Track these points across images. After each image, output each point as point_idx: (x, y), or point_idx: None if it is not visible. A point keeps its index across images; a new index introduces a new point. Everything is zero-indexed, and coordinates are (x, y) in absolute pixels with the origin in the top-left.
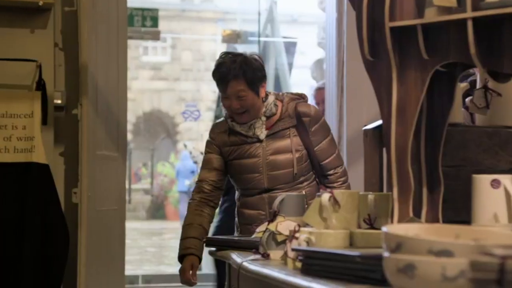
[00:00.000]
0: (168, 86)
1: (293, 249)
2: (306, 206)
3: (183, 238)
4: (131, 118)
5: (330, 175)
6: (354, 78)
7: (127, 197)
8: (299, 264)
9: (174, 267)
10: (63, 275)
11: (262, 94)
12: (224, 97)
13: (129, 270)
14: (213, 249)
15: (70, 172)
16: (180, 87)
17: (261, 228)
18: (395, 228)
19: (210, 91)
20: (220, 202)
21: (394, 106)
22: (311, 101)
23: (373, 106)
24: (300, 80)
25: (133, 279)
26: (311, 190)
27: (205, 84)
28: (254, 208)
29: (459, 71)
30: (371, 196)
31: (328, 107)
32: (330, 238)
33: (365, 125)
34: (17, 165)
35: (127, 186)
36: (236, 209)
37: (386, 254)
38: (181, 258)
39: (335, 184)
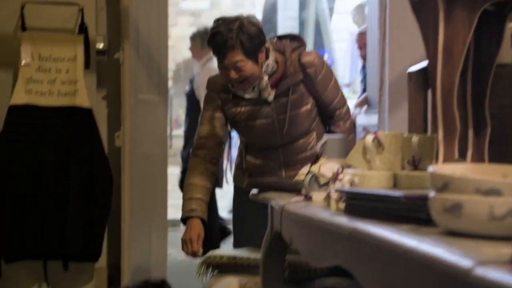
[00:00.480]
0: None
1: (336, 190)
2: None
3: (187, 199)
4: (171, 65)
5: (335, 115)
6: (397, 22)
7: (168, 143)
8: (342, 205)
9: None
10: (108, 216)
11: (262, 59)
12: (222, 66)
13: (171, 214)
14: (255, 191)
15: (112, 116)
16: None
17: (304, 170)
18: (442, 168)
19: None
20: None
21: (441, 47)
22: (353, 46)
23: (416, 50)
24: (341, 26)
25: (175, 223)
26: (318, 131)
27: None
28: (265, 159)
29: (508, 10)
30: (415, 138)
31: (370, 51)
32: (374, 179)
33: (408, 69)
34: (61, 109)
35: (168, 132)
36: (239, 156)
37: (432, 194)
38: (184, 220)
39: (340, 122)
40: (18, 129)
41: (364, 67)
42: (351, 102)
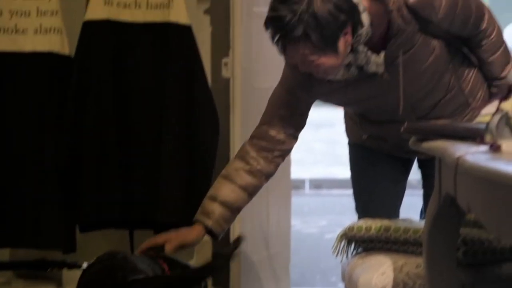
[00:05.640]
0: None
1: None
2: None
3: (209, 196)
4: None
5: (474, 36)
6: None
7: None
8: None
9: (349, 169)
10: (212, 172)
11: (346, 45)
12: (286, 57)
13: (293, 172)
14: (415, 139)
15: (219, 37)
16: None
17: (489, 109)
18: None
19: None
20: None
21: None
22: None
23: None
24: None
25: (299, 184)
26: (474, 76)
27: None
28: (388, 127)
29: None
30: None
31: None
32: None
33: None
34: (150, 26)
35: None
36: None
37: None
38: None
39: (482, 42)
40: (94, 53)
41: None
42: None
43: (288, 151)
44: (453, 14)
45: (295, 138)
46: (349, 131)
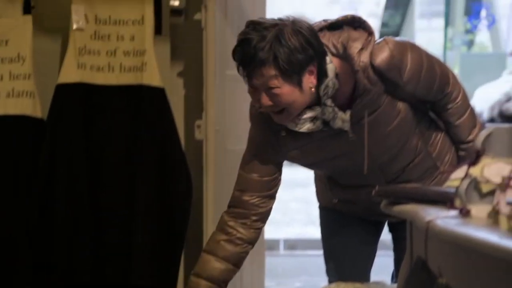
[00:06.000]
0: None
1: (508, 203)
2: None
3: (194, 273)
4: None
5: (439, 100)
6: None
7: None
8: None
9: None
10: (185, 235)
11: (309, 84)
12: (250, 86)
13: (268, 232)
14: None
15: (192, 99)
16: None
17: (458, 173)
18: None
19: None
20: None
21: None
22: None
23: None
24: None
25: (273, 244)
26: (422, 127)
27: None
28: (358, 186)
29: None
30: None
31: None
32: None
33: None
34: (124, 89)
35: None
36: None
37: None
38: None
39: (448, 105)
40: (67, 115)
41: None
42: None
43: (266, 214)
44: (418, 78)
45: (271, 198)
46: (319, 194)
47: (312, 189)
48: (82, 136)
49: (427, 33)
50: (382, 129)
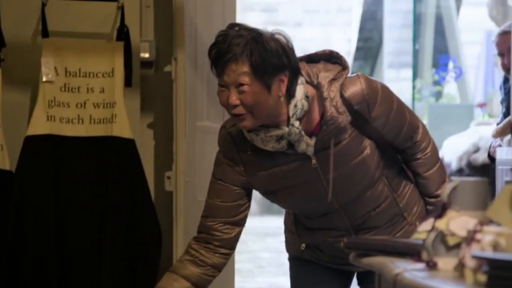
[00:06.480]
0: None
1: (473, 256)
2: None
3: None
4: None
5: (408, 148)
6: None
7: None
8: (482, 277)
9: None
10: (156, 279)
11: (278, 92)
12: (221, 86)
13: (239, 283)
14: (355, 254)
15: (162, 151)
16: (302, 34)
17: (425, 226)
18: None
19: (343, 39)
20: None
21: None
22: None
23: None
24: (472, 22)
25: None
26: (389, 173)
27: (336, 30)
28: (322, 228)
29: None
30: None
31: None
32: None
33: None
34: (93, 140)
35: None
36: (286, 215)
37: None
38: None
39: (417, 155)
40: (35, 167)
41: (506, 80)
42: (488, 129)
43: (230, 241)
44: (387, 117)
45: (236, 225)
46: (288, 243)
47: (283, 238)
48: (51, 188)
49: (396, 84)
50: (346, 162)
